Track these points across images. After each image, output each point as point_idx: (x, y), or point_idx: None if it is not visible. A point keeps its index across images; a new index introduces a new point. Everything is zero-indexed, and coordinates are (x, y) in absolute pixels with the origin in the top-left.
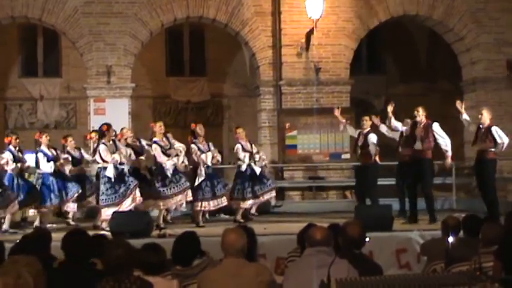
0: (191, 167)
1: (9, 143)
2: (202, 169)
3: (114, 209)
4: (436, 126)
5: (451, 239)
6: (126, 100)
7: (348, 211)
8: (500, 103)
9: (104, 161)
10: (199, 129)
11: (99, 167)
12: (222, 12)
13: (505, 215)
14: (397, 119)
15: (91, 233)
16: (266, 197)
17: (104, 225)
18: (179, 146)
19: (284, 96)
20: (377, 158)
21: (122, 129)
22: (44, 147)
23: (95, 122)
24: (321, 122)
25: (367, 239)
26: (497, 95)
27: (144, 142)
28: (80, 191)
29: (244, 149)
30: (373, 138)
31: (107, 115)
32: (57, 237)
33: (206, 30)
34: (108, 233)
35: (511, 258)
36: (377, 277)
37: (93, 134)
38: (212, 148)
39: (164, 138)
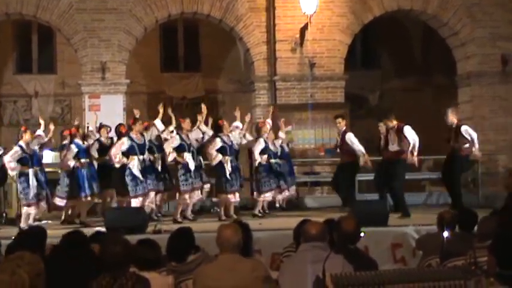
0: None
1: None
2: (228, 162)
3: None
4: (406, 128)
5: (446, 234)
6: (121, 96)
7: (343, 206)
8: (494, 97)
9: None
10: (225, 125)
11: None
12: (216, 8)
13: (500, 209)
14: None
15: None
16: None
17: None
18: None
19: (279, 91)
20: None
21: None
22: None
23: (90, 118)
24: (316, 117)
25: (362, 234)
26: (492, 89)
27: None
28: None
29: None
30: (351, 136)
31: (101, 111)
32: (52, 233)
33: (200, 26)
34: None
35: (504, 252)
36: (372, 272)
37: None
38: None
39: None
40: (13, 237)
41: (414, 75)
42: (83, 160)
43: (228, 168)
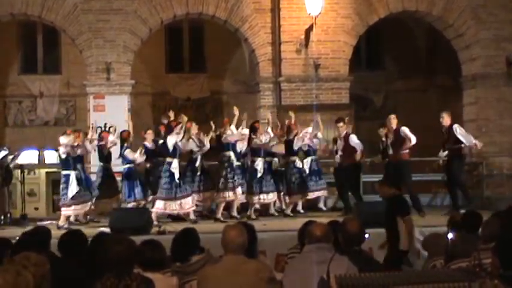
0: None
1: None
2: (260, 164)
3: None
4: (403, 129)
5: (450, 235)
6: (126, 97)
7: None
8: (499, 99)
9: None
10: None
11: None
12: (221, 9)
13: (504, 211)
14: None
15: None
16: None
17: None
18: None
19: (283, 92)
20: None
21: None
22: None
23: (95, 119)
24: (321, 119)
25: (366, 236)
26: (497, 91)
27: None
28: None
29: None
30: (354, 138)
31: (106, 112)
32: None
33: (206, 26)
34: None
35: (508, 254)
36: (376, 273)
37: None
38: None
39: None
40: (17, 238)
41: (419, 77)
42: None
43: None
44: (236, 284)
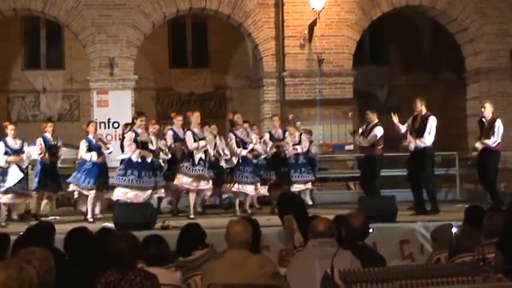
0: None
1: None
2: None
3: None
4: (431, 119)
5: (454, 230)
6: (129, 92)
7: (352, 202)
8: (503, 94)
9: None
10: (238, 118)
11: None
12: (224, 4)
13: (506, 205)
14: (399, 110)
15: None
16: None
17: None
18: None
19: (287, 87)
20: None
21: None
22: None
23: (98, 114)
24: (324, 114)
25: (370, 230)
26: (501, 85)
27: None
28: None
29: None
30: (378, 130)
31: (110, 107)
32: (61, 229)
33: (209, 21)
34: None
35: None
36: (380, 268)
37: None
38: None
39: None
40: (21, 233)
41: (422, 72)
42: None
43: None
44: (240, 278)
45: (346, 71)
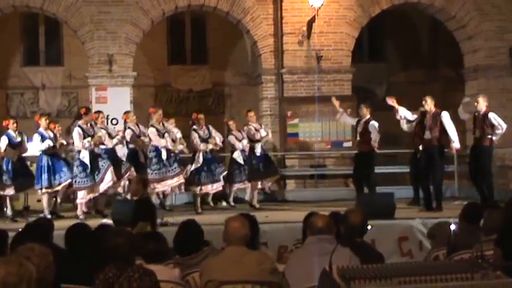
0: (191, 153)
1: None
2: (200, 156)
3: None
4: (445, 115)
5: (453, 227)
6: (128, 89)
7: (350, 199)
8: (502, 91)
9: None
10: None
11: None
12: (223, 1)
13: (505, 203)
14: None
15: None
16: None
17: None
18: (176, 131)
19: (286, 84)
20: (376, 146)
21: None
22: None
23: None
24: (323, 110)
25: (368, 227)
26: (499, 82)
27: (141, 127)
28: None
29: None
30: (374, 125)
31: (108, 104)
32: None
33: (207, 18)
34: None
35: (510, 245)
36: (379, 265)
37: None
38: (213, 132)
39: (161, 124)
40: (20, 229)
41: (421, 68)
42: None
43: (200, 161)
44: (238, 275)
45: (344, 67)
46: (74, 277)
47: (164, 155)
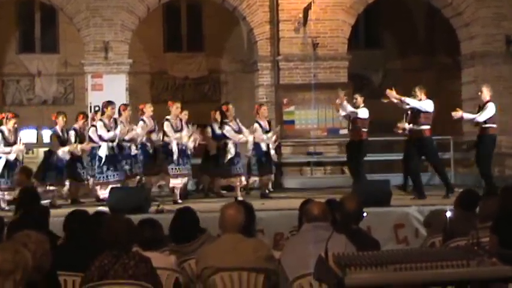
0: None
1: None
2: (232, 146)
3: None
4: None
5: (449, 214)
6: (124, 76)
7: (346, 186)
8: (498, 78)
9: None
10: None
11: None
12: None
13: (500, 190)
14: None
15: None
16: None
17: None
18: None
19: (282, 71)
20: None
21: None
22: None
23: (93, 98)
24: (319, 98)
25: (364, 214)
26: (496, 69)
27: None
28: None
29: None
30: (362, 113)
31: (104, 91)
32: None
33: (204, 5)
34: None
35: (506, 232)
36: (375, 252)
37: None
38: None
39: (178, 119)
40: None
41: (417, 56)
42: None
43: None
44: (234, 262)
45: (341, 55)
46: (71, 265)
47: (176, 152)
